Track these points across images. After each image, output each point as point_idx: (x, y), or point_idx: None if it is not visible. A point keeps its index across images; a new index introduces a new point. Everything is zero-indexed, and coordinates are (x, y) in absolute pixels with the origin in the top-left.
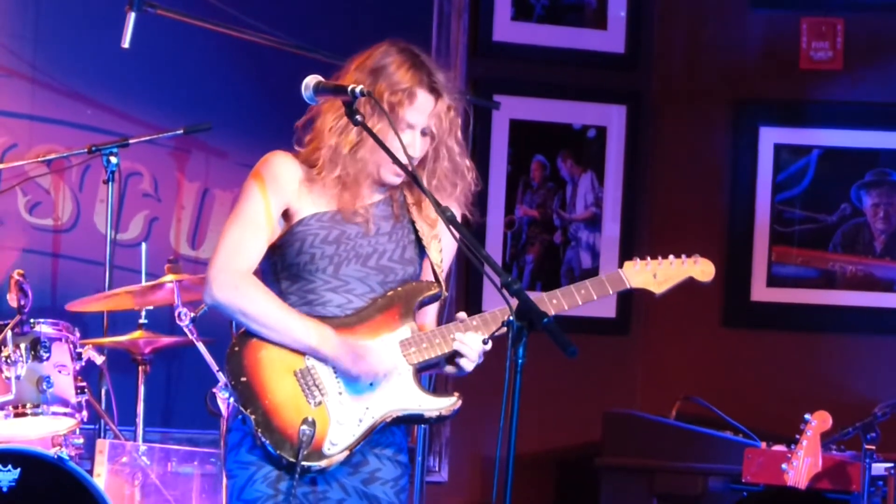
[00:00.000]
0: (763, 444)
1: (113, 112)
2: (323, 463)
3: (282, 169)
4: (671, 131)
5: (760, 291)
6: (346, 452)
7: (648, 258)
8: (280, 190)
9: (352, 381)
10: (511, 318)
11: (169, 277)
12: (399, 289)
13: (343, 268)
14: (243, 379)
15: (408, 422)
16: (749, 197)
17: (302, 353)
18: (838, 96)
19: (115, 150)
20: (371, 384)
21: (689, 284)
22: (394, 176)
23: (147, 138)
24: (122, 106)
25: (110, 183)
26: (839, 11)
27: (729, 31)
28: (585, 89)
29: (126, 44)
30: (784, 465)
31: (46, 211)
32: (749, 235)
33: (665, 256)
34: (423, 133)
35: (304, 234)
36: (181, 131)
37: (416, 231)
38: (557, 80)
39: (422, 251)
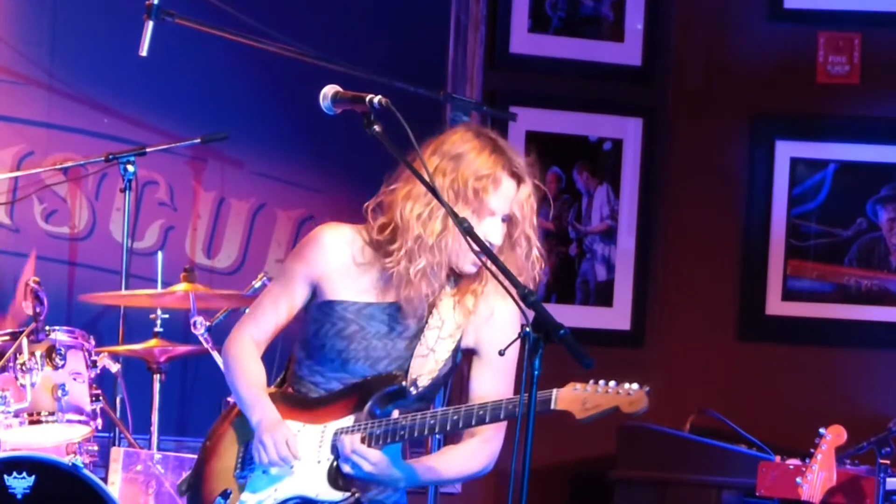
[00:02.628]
0: (777, 458)
1: (130, 121)
2: None
3: (325, 245)
4: (687, 144)
5: (775, 305)
6: None
7: (591, 381)
8: (314, 267)
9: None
10: (528, 329)
11: (184, 286)
12: (367, 379)
13: (351, 364)
14: (207, 443)
15: None
16: (765, 211)
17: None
18: (855, 111)
19: (132, 158)
20: (291, 466)
21: (705, 296)
22: (472, 265)
23: (164, 147)
24: (139, 115)
25: (127, 191)
26: (857, 26)
27: (746, 44)
28: (602, 102)
29: (144, 52)
30: (798, 479)
31: (63, 219)
32: (764, 249)
33: (607, 382)
34: (503, 219)
35: (324, 318)
36: (198, 140)
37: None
38: (574, 93)
39: (448, 358)
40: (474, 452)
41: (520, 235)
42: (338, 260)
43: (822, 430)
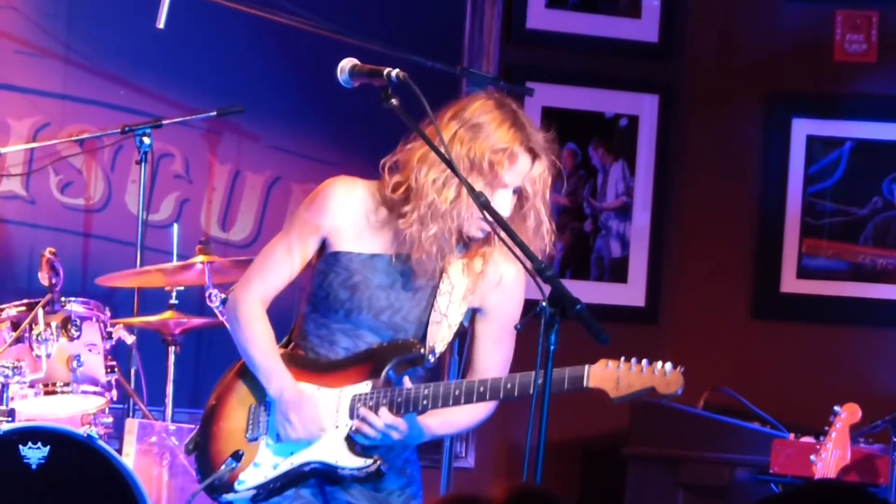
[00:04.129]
0: (791, 436)
1: (146, 93)
2: (230, 496)
3: (335, 199)
4: (703, 121)
5: (790, 283)
6: (254, 492)
7: (622, 360)
8: (324, 220)
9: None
10: (544, 304)
11: (200, 258)
12: (385, 344)
13: (354, 315)
14: (213, 403)
15: (323, 474)
16: (780, 189)
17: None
18: (872, 89)
19: (147, 130)
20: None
21: (719, 274)
22: (479, 231)
23: (180, 120)
24: (155, 87)
25: (142, 164)
26: (874, 4)
27: (763, 22)
28: (618, 78)
29: (161, 24)
30: (812, 457)
31: (78, 191)
32: (780, 227)
33: (639, 361)
34: (514, 192)
35: (328, 269)
36: (214, 113)
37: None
38: (590, 69)
39: (460, 322)
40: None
41: (529, 209)
42: (348, 214)
43: (836, 408)
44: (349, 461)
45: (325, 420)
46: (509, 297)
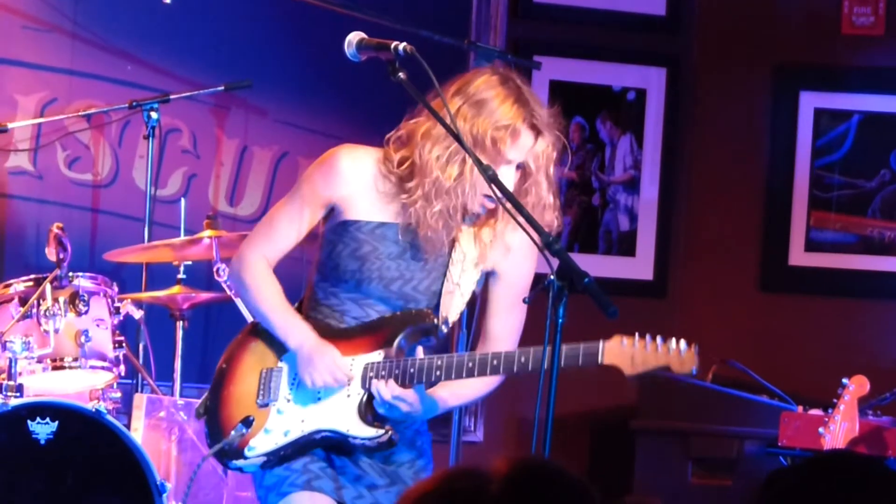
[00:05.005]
0: (799, 409)
1: (153, 68)
2: (240, 462)
3: (343, 167)
4: (711, 95)
5: (798, 256)
6: (264, 458)
7: (637, 337)
8: (332, 189)
9: (302, 390)
10: (552, 277)
11: (207, 233)
12: (398, 314)
13: (365, 285)
14: (224, 365)
15: (334, 442)
16: (788, 162)
17: (278, 354)
18: (880, 62)
19: (155, 105)
20: (318, 397)
21: (728, 247)
22: (482, 208)
23: (187, 94)
24: (163, 62)
25: (150, 139)
26: None
27: None
28: (626, 51)
29: None
30: (821, 430)
31: (86, 166)
32: (788, 200)
33: (654, 338)
34: (517, 167)
35: (337, 239)
36: (222, 88)
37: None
38: (598, 42)
39: (472, 291)
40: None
41: (531, 184)
42: (356, 183)
43: (844, 381)
44: (361, 430)
45: (331, 379)
46: (521, 262)
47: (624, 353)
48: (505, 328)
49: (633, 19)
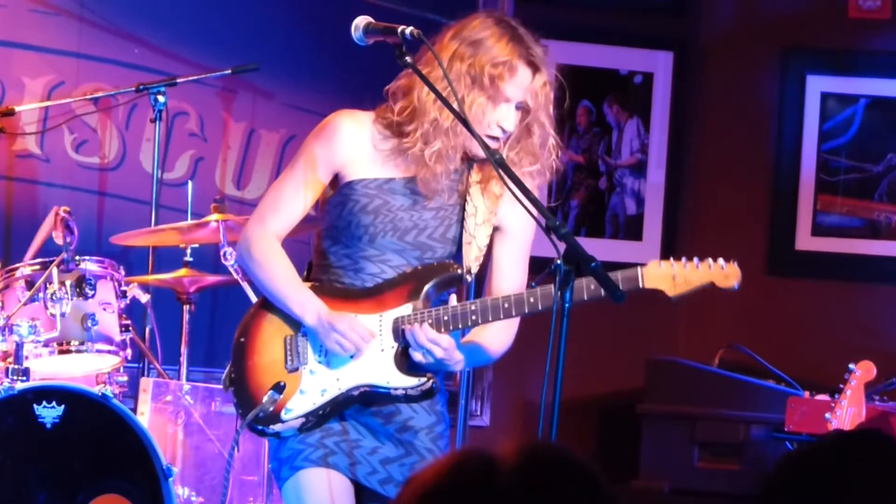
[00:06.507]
0: (806, 394)
1: (160, 51)
2: (277, 427)
3: (343, 131)
4: (718, 78)
5: (805, 240)
6: (302, 420)
7: (672, 259)
8: (335, 153)
9: (333, 353)
10: (559, 261)
11: (214, 217)
12: (419, 267)
13: (379, 239)
14: (242, 339)
15: (374, 397)
16: (795, 145)
17: (298, 322)
18: (886, 46)
19: (162, 89)
20: (350, 356)
21: (734, 231)
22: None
23: (194, 78)
24: (170, 45)
25: (157, 122)
26: None
27: None
28: (632, 35)
29: None
30: (827, 415)
31: (93, 149)
32: (794, 184)
33: (690, 259)
34: (517, 107)
35: (346, 199)
36: (229, 71)
37: (465, 211)
38: (605, 26)
39: (487, 244)
40: (508, 324)
41: (533, 122)
42: (358, 145)
43: (851, 366)
44: (402, 381)
45: (358, 342)
46: (527, 216)
47: (664, 274)
48: (513, 286)
49: (639, 3)
